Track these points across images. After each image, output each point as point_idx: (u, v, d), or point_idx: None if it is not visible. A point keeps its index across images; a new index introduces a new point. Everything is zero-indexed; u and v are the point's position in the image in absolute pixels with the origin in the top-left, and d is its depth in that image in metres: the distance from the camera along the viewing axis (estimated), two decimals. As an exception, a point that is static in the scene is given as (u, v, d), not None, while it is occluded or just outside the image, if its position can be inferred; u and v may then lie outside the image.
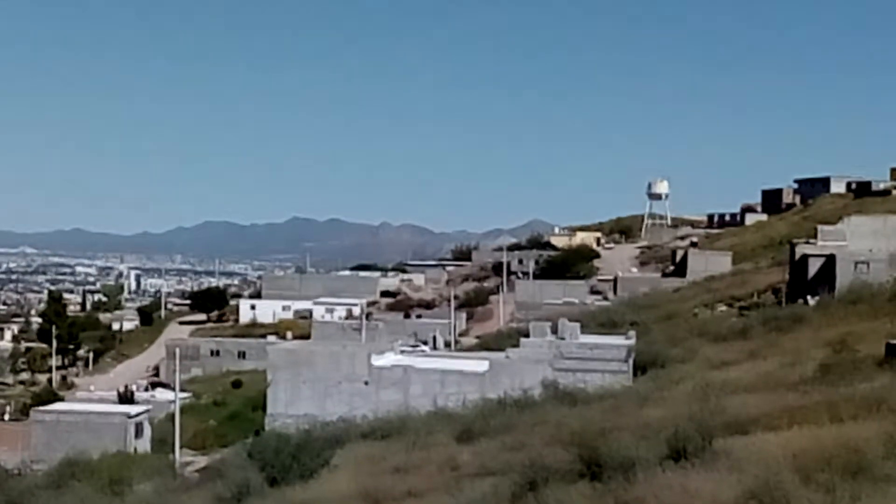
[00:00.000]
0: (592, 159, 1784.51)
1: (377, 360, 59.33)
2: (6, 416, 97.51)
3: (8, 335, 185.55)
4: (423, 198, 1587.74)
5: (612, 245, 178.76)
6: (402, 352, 69.18)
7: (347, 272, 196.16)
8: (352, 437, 42.78)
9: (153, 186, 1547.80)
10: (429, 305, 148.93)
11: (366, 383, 57.52)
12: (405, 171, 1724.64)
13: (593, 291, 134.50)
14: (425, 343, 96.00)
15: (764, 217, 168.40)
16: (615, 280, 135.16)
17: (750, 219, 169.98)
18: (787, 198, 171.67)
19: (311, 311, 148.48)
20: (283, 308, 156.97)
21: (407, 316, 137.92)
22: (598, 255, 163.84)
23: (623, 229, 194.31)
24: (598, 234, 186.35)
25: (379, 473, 32.69)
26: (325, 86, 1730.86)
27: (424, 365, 60.02)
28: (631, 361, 56.79)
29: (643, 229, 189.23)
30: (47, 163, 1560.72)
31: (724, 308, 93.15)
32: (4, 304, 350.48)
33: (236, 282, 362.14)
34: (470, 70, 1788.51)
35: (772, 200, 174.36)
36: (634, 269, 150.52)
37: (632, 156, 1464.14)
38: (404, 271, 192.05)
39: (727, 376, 41.99)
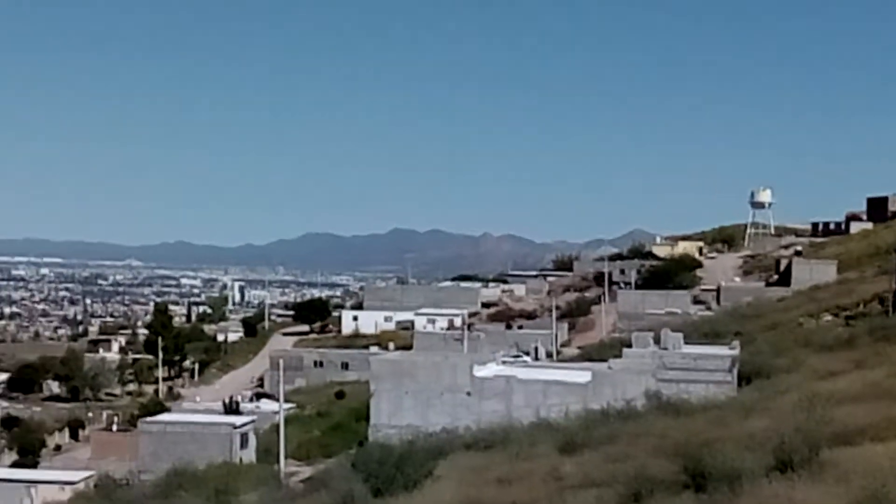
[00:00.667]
0: (694, 168, 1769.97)
1: (479, 371, 59.32)
2: (114, 427, 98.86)
3: (115, 347, 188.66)
4: (524, 208, 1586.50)
5: (714, 254, 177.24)
6: (504, 362, 69.05)
7: (449, 283, 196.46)
8: (454, 447, 42.83)
9: (256, 199, 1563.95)
10: (530, 316, 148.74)
11: (468, 394, 57.52)
12: (506, 182, 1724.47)
13: (696, 301, 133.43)
14: (527, 354, 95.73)
15: (869, 225, 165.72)
16: (718, 290, 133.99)
17: (855, 227, 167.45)
18: (893, 206, 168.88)
19: (412, 322, 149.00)
20: (385, 319, 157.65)
21: (508, 326, 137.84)
22: (700, 265, 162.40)
23: (726, 238, 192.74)
24: (701, 244, 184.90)
25: (482, 484, 32.74)
26: (426, 97, 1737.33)
27: (526, 376, 59.88)
28: (735, 372, 56.29)
29: (746, 238, 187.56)
30: (153, 177, 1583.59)
31: (829, 318, 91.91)
32: (112, 316, 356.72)
33: (338, 293, 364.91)
34: (571, 80, 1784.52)
35: (877, 208, 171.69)
36: (737, 279, 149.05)
37: (734, 164, 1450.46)
38: (505, 282, 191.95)
39: (833, 387, 41.45)
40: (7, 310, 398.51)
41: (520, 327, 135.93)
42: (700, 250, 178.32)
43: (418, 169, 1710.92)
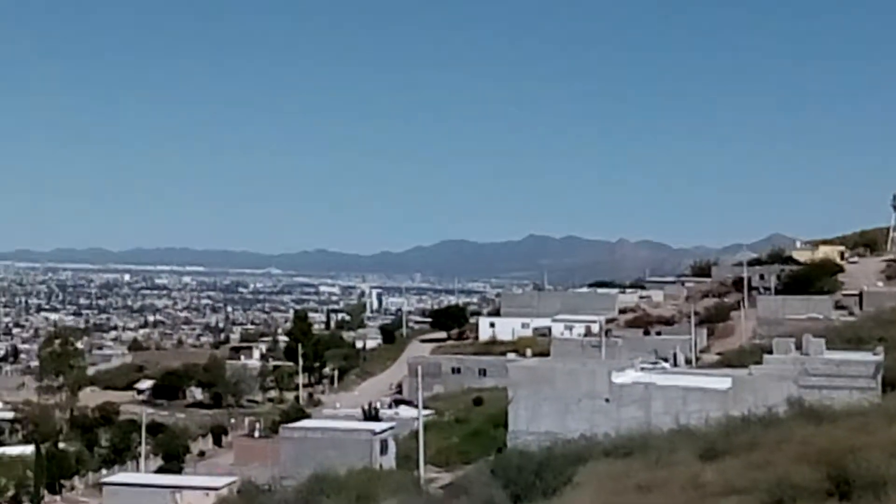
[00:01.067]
0: (834, 170, 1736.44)
1: (617, 378, 59.14)
2: (256, 433, 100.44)
3: (256, 354, 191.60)
4: (661, 213, 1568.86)
5: (856, 259, 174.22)
6: (643, 369, 68.70)
7: (585, 289, 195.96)
8: (593, 454, 42.70)
9: (393, 208, 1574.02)
10: (668, 322, 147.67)
11: (606, 400, 57.38)
12: (642, 187, 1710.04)
13: (838, 307, 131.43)
14: (665, 360, 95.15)
15: None
16: (861, 295, 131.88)
17: None
18: None
19: (549, 329, 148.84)
20: (522, 325, 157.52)
21: (646, 332, 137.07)
22: (841, 270, 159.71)
23: (867, 242, 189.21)
24: (842, 248, 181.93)
25: (621, 491, 32.65)
26: (561, 104, 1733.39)
27: (665, 382, 59.54)
28: (879, 378, 55.37)
29: (889, 242, 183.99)
30: (293, 186, 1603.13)
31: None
32: (253, 323, 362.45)
33: (475, 299, 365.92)
34: (702, 83, 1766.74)
35: None
36: (880, 284, 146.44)
37: (876, 165, 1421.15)
38: (643, 287, 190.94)
39: (982, 393, 40.69)
40: (151, 318, 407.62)
41: (658, 333, 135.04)
42: (841, 255, 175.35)
43: (554, 175, 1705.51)
